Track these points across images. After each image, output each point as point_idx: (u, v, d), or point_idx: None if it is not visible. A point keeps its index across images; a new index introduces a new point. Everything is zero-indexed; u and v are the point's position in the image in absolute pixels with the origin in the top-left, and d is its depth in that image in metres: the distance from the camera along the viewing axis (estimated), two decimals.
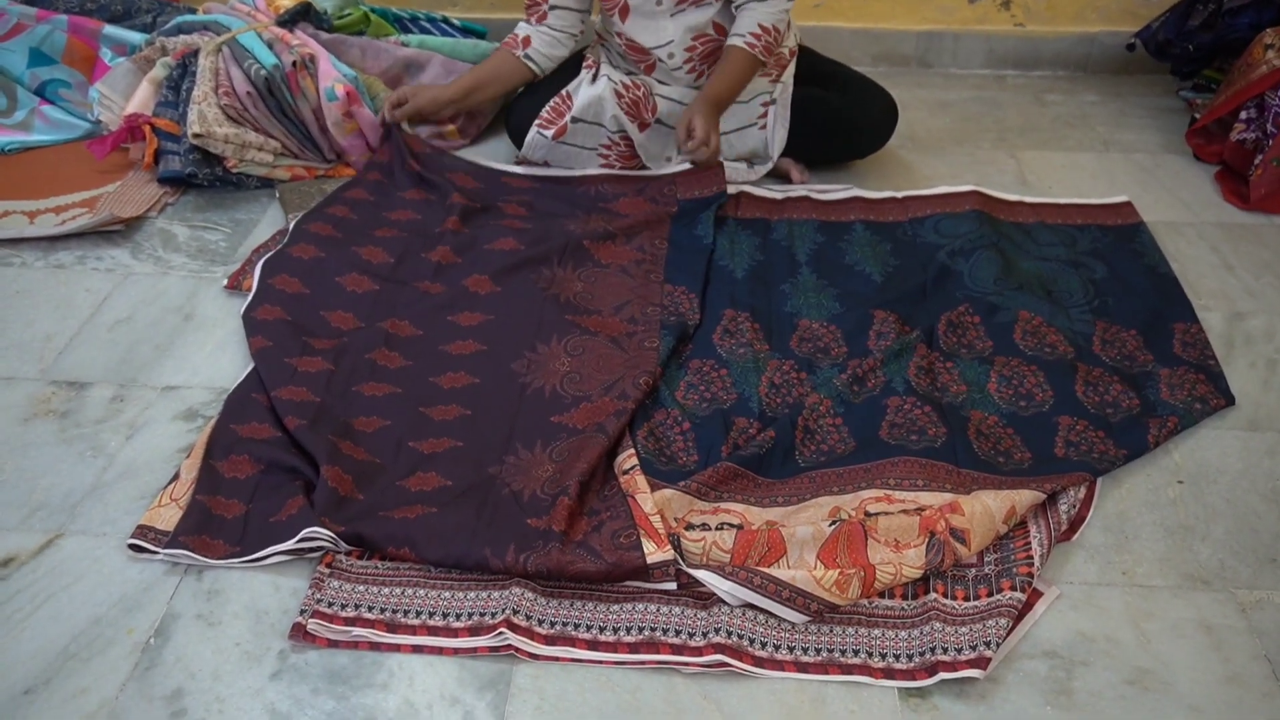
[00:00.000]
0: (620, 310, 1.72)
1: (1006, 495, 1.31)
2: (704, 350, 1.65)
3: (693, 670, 1.16)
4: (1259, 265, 1.87)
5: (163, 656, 1.17)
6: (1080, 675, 1.16)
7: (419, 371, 1.57)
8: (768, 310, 1.74)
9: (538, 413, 1.50)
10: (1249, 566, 1.29)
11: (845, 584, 1.20)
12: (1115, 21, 2.60)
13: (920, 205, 2.01)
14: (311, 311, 1.67)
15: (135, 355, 1.63)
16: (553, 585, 1.24)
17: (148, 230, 1.96)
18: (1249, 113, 2.07)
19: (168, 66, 2.10)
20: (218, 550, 1.27)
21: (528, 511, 1.31)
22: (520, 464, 1.41)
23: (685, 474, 1.40)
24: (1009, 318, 1.68)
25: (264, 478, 1.37)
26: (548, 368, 1.59)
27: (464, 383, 1.56)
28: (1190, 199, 2.09)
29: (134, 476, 1.40)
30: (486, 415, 1.50)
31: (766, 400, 1.55)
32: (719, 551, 1.27)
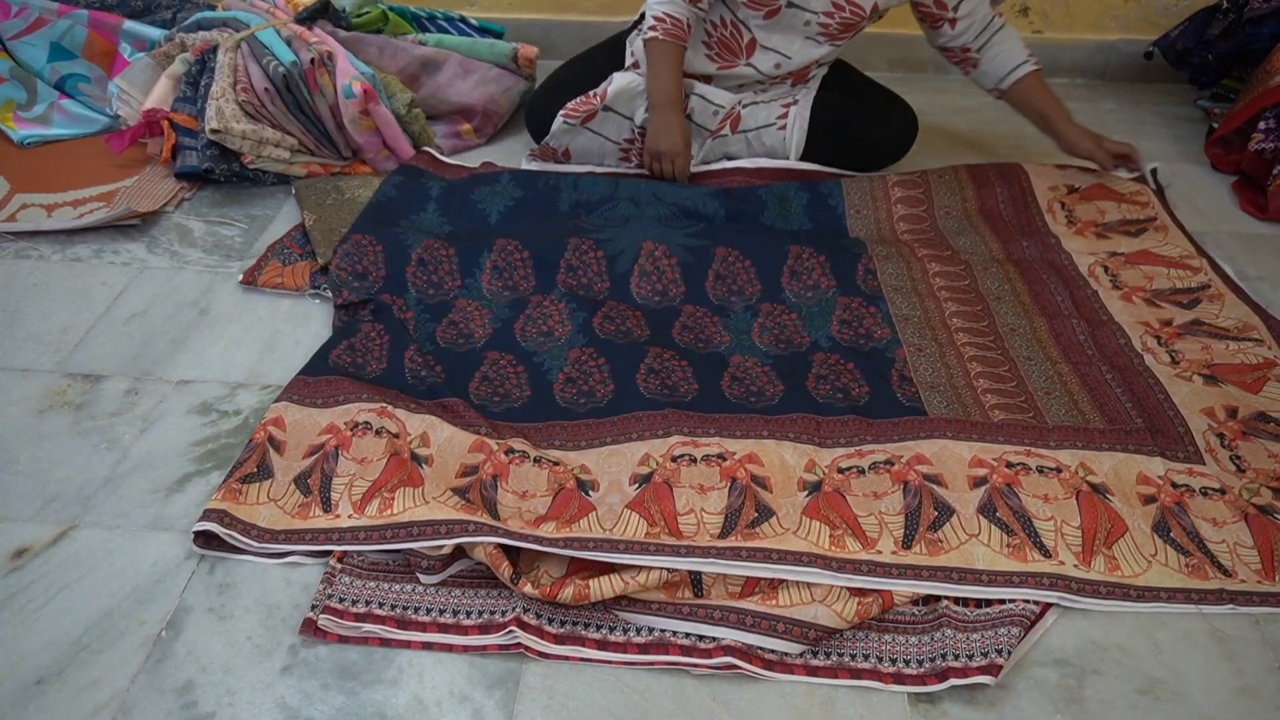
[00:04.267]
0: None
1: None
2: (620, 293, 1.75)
3: (702, 672, 1.16)
4: (1276, 275, 1.86)
5: (174, 649, 1.17)
6: (1092, 684, 1.15)
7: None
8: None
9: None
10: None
11: (845, 605, 1.19)
12: (1134, 30, 2.60)
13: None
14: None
15: (150, 349, 1.64)
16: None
17: (164, 225, 1.97)
18: (1268, 123, 2.06)
19: (186, 62, 2.11)
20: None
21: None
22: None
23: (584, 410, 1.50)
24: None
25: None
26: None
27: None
28: (1207, 209, 2.08)
29: (147, 469, 1.41)
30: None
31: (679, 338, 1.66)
32: (530, 516, 1.30)
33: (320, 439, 1.41)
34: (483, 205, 1.93)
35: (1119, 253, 1.85)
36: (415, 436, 1.42)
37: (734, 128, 2.03)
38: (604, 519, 1.30)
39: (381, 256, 1.76)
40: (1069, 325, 1.66)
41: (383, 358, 1.59)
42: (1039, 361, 1.59)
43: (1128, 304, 1.72)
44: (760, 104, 2.02)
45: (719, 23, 1.98)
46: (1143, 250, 1.85)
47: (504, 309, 1.71)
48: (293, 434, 1.42)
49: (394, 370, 1.56)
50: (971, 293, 1.75)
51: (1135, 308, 1.71)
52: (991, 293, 1.75)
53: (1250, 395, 1.51)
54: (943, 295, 1.74)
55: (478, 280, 1.76)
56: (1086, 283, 1.78)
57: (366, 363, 1.58)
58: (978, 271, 1.80)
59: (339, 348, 1.59)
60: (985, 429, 1.43)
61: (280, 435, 1.42)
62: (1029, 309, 1.71)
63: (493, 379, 1.57)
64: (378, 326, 1.65)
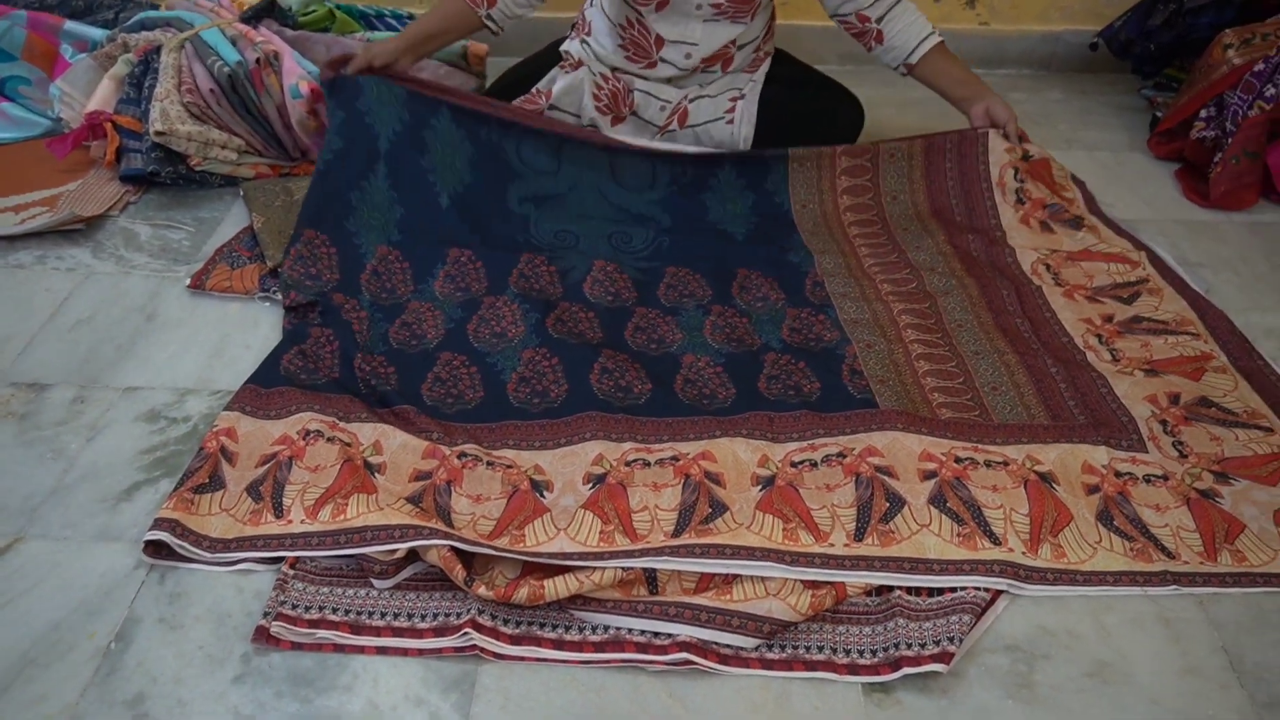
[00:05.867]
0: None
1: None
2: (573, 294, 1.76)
3: (658, 669, 1.16)
4: (1218, 262, 1.89)
5: (124, 661, 1.16)
6: (1041, 668, 1.17)
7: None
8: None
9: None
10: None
11: (799, 598, 1.20)
12: (1079, 20, 2.63)
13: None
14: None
15: (96, 356, 1.61)
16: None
17: (109, 229, 1.94)
18: (1209, 111, 2.09)
19: (130, 63, 2.08)
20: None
21: None
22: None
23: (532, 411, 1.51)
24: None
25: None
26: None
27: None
28: (1152, 196, 2.11)
29: (95, 479, 1.39)
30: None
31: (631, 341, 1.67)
32: (485, 522, 1.31)
33: (273, 449, 1.40)
34: (433, 179, 1.87)
35: (1059, 250, 1.87)
36: (368, 445, 1.41)
37: (681, 123, 2.04)
38: (558, 519, 1.31)
39: (335, 260, 1.75)
40: (1014, 323, 1.69)
41: (334, 366, 1.57)
42: (986, 355, 1.61)
43: (1070, 301, 1.74)
44: (707, 98, 2.03)
45: (626, 24, 1.98)
46: (1082, 250, 1.87)
47: (456, 309, 1.71)
48: (245, 445, 1.41)
49: (346, 378, 1.55)
50: (919, 293, 1.77)
51: (1077, 305, 1.73)
52: (939, 289, 1.78)
53: (1191, 383, 1.55)
54: (890, 299, 1.76)
55: (430, 286, 1.76)
56: (1029, 280, 1.80)
57: (318, 369, 1.56)
58: (924, 274, 1.82)
59: (290, 353, 1.58)
60: (934, 425, 1.45)
61: (232, 446, 1.40)
62: (976, 303, 1.74)
63: (445, 379, 1.57)
64: (327, 332, 1.63)
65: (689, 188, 1.97)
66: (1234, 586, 1.26)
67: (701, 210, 1.96)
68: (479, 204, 1.90)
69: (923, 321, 1.70)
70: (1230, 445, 1.44)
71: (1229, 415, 1.49)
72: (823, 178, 2.01)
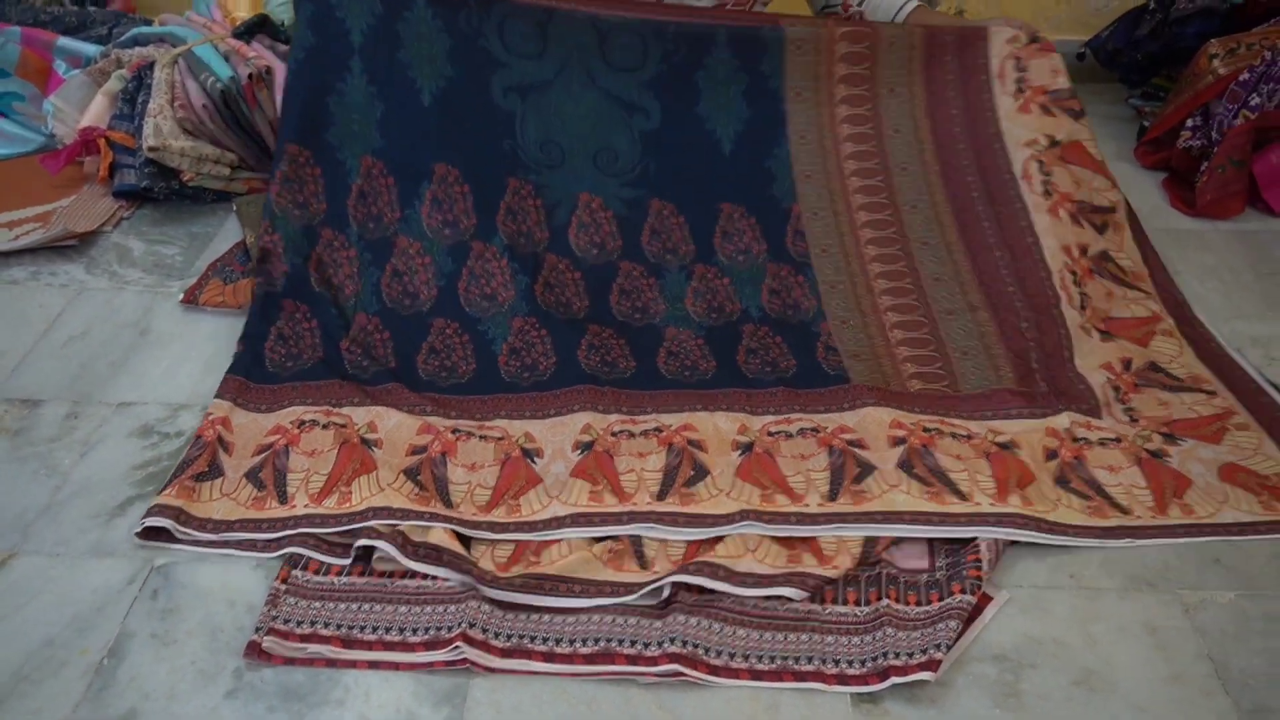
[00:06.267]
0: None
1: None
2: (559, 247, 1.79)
3: (648, 680, 1.17)
4: (1204, 270, 1.91)
5: (117, 676, 1.16)
6: (1028, 677, 1.18)
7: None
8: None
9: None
10: (1193, 567, 1.31)
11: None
12: (1066, 30, 2.65)
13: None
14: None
15: (89, 372, 1.62)
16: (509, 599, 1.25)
17: (103, 245, 1.95)
18: (1195, 120, 2.11)
19: (123, 79, 2.09)
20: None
21: None
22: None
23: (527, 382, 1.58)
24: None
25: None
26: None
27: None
28: (1139, 205, 2.12)
29: (88, 495, 1.40)
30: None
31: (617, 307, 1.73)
32: (482, 491, 1.38)
33: (268, 439, 1.46)
34: (412, 74, 1.78)
35: (1057, 140, 1.85)
36: (363, 425, 1.48)
37: None
38: (551, 488, 1.39)
39: (321, 184, 1.77)
40: (993, 259, 1.75)
41: (316, 345, 1.63)
42: (960, 314, 1.69)
43: (1054, 220, 1.76)
44: None
45: None
46: (1077, 142, 1.85)
47: (445, 257, 1.74)
48: (240, 436, 1.46)
49: (331, 360, 1.61)
50: (898, 245, 1.81)
51: (1061, 225, 1.76)
52: (918, 238, 1.82)
53: (1141, 349, 1.64)
54: (869, 255, 1.80)
55: (417, 212, 1.76)
56: (1018, 188, 1.81)
57: (301, 352, 1.62)
58: (905, 212, 1.85)
59: (270, 339, 1.62)
60: (903, 399, 1.53)
61: (228, 436, 1.46)
62: (954, 249, 1.79)
63: (440, 350, 1.64)
64: (302, 307, 1.67)
65: (681, 66, 1.86)
66: (1184, 536, 1.34)
67: (693, 96, 1.87)
68: (462, 102, 1.81)
69: (898, 284, 1.74)
70: (1177, 408, 1.53)
71: (1175, 381, 1.58)
72: (820, 63, 1.91)
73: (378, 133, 1.79)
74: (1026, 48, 1.91)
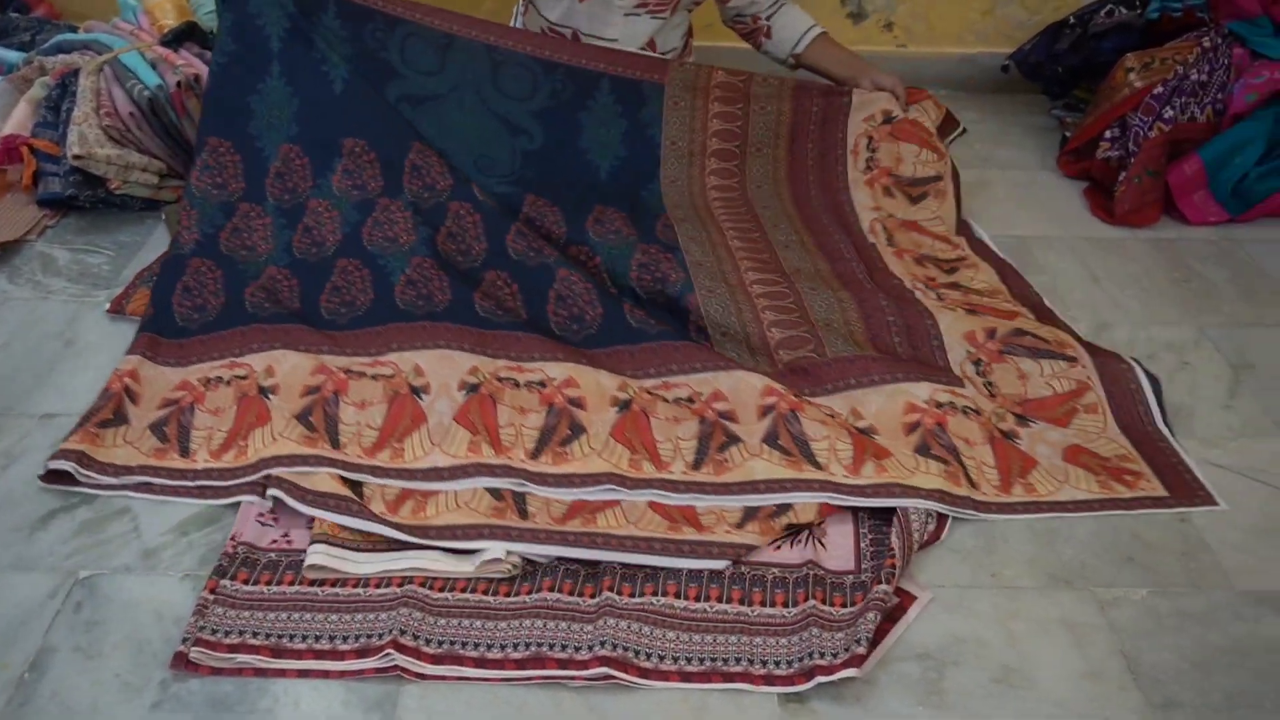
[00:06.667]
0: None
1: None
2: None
3: (579, 684, 1.18)
4: (1124, 278, 1.96)
5: (38, 691, 1.14)
6: (951, 675, 1.21)
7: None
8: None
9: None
10: (1108, 566, 1.36)
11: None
12: (992, 43, 2.71)
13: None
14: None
15: (13, 383, 1.59)
16: (440, 604, 1.25)
17: (26, 254, 1.91)
18: (1113, 132, 2.17)
19: (46, 86, 2.05)
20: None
21: None
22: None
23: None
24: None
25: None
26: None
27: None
28: (1062, 214, 2.19)
29: (10, 507, 1.38)
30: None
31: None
32: (369, 432, 1.47)
33: (175, 394, 1.54)
34: (325, 68, 1.87)
35: (894, 216, 2.01)
36: (261, 371, 1.56)
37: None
38: (434, 432, 1.47)
39: (240, 167, 1.87)
40: (850, 267, 1.86)
41: (219, 291, 1.73)
42: (821, 292, 1.76)
43: (899, 259, 1.91)
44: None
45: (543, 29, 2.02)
46: (913, 221, 2.00)
47: (352, 211, 1.83)
48: (147, 387, 1.55)
49: (233, 304, 1.70)
50: (761, 242, 1.91)
51: (905, 264, 1.89)
52: (780, 242, 1.92)
53: (1006, 321, 1.71)
54: (735, 244, 1.89)
55: (329, 181, 1.86)
56: (865, 236, 1.97)
57: (206, 301, 1.71)
58: (768, 226, 1.96)
59: (176, 293, 1.71)
60: (773, 377, 1.58)
61: (135, 387, 1.54)
62: (813, 254, 1.90)
63: (341, 288, 1.73)
64: (207, 262, 1.77)
65: (567, 104, 1.97)
66: (1023, 513, 1.43)
67: (575, 130, 1.98)
68: (366, 94, 1.90)
69: (764, 269, 1.82)
70: (1034, 384, 1.61)
71: (1041, 343, 1.65)
72: (695, 118, 2.03)
73: (294, 123, 1.89)
74: (880, 128, 2.05)
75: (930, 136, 2.04)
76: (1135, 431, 1.56)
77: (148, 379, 1.56)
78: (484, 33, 1.93)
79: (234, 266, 1.78)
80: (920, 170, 2.03)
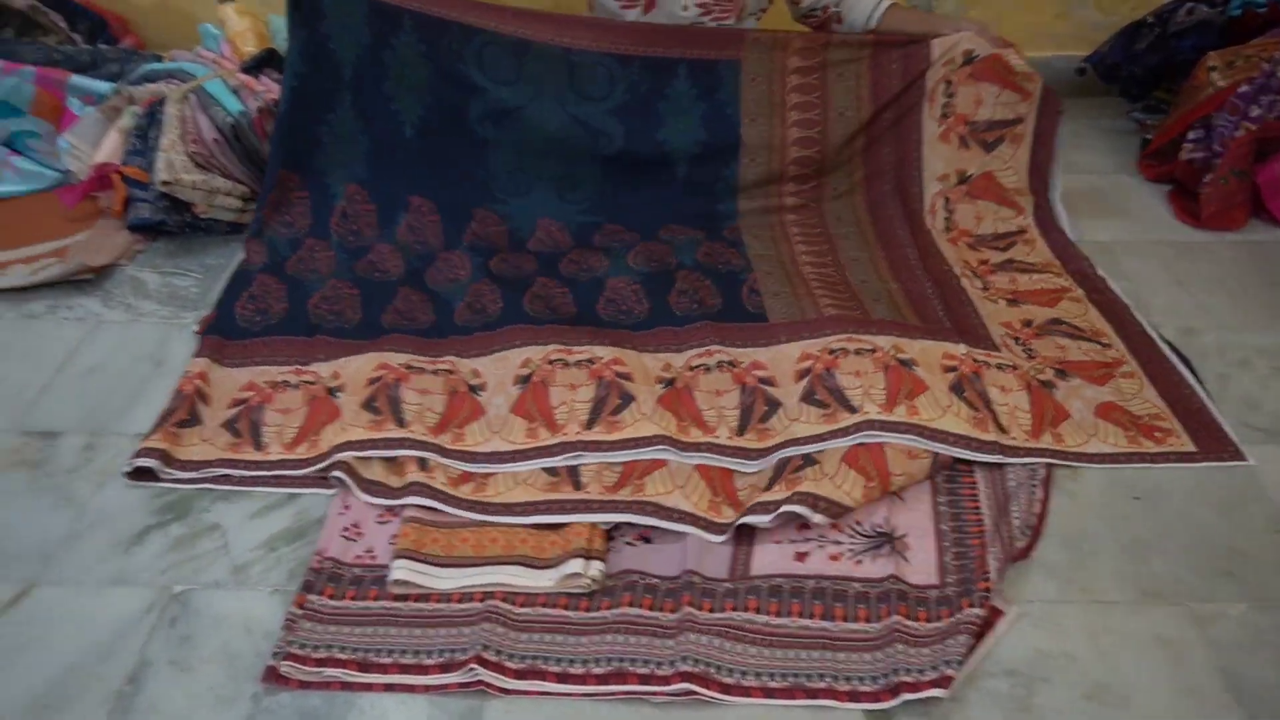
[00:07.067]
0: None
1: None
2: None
3: (661, 700, 1.18)
4: (1210, 282, 1.91)
5: (136, 703, 1.18)
6: (1040, 692, 1.18)
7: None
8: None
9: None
10: (1204, 580, 1.32)
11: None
12: (1066, 46, 2.66)
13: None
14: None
15: (107, 404, 1.64)
16: (522, 619, 1.26)
17: (118, 278, 1.97)
18: (1197, 133, 2.12)
19: (135, 115, 2.12)
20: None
21: None
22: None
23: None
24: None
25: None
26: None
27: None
28: (1144, 218, 2.14)
29: (106, 525, 1.42)
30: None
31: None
32: (431, 415, 1.54)
33: (243, 394, 1.63)
34: (395, 107, 1.96)
35: (968, 174, 2.03)
36: (327, 376, 1.64)
37: None
38: (493, 423, 1.53)
39: (308, 204, 2.00)
40: (905, 253, 1.95)
41: (283, 299, 1.84)
42: (871, 281, 1.86)
43: (953, 246, 1.98)
44: None
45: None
46: (986, 173, 2.03)
47: (415, 259, 1.94)
48: (216, 389, 1.64)
49: (296, 312, 1.80)
50: (822, 239, 2.00)
51: (960, 250, 1.97)
52: (840, 234, 2.02)
53: (1047, 309, 1.80)
54: (795, 239, 1.99)
55: (393, 231, 1.98)
56: (925, 218, 2.03)
57: (269, 306, 1.82)
58: (829, 220, 2.05)
59: (240, 300, 1.83)
60: (817, 325, 1.67)
61: (205, 388, 1.63)
62: (871, 244, 1.99)
63: (403, 311, 1.81)
64: (273, 278, 1.89)
65: (645, 97, 1.98)
66: (1048, 458, 1.47)
67: (655, 123, 1.99)
68: (441, 132, 1.98)
69: (821, 260, 1.92)
70: (1072, 352, 1.68)
71: (1075, 330, 1.74)
72: (773, 91, 2.01)
73: (363, 163, 2.01)
74: (959, 70, 2.00)
75: (1013, 76, 1.99)
76: (1171, 396, 1.60)
77: (216, 380, 1.65)
78: (558, 32, 1.95)
79: (298, 282, 1.89)
80: (999, 112, 2.01)
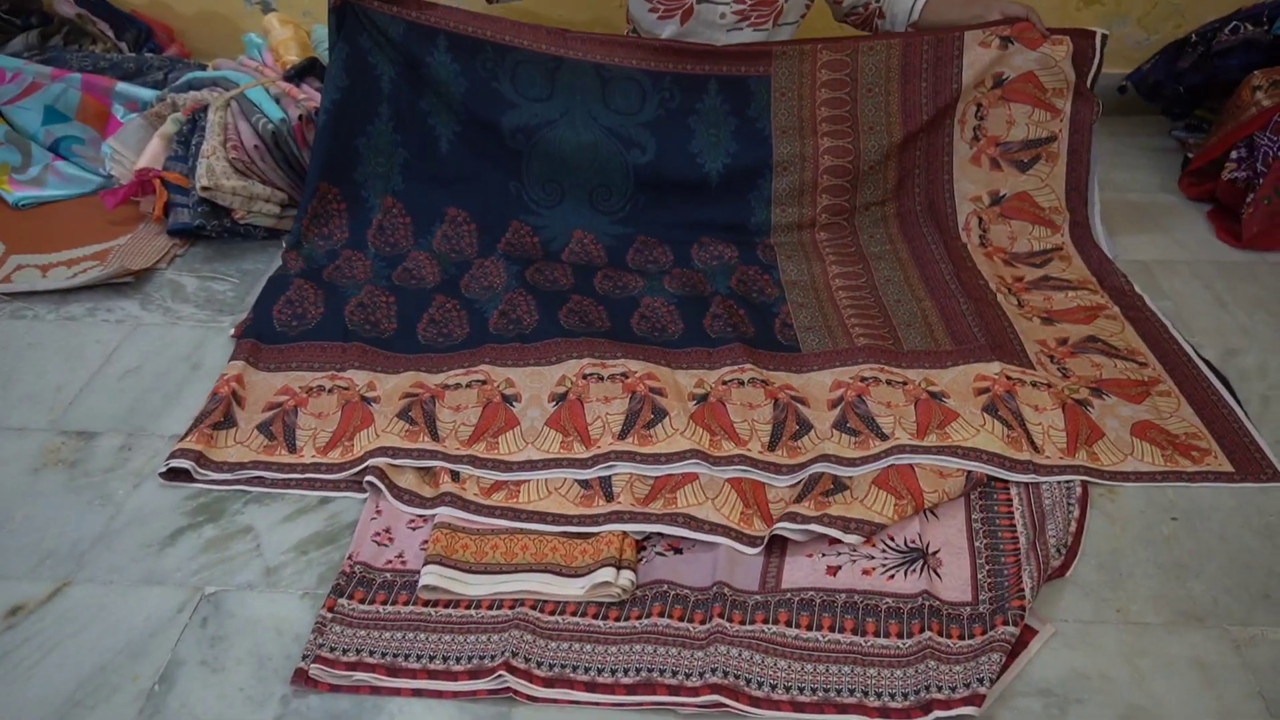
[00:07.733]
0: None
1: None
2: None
3: (689, 711, 1.17)
4: (1252, 302, 1.89)
5: (167, 703, 1.18)
6: (1075, 713, 1.16)
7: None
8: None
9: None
10: (1242, 603, 1.30)
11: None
12: (1108, 64, 2.60)
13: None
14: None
15: (144, 405, 1.66)
16: (551, 628, 1.26)
17: (157, 281, 2.00)
18: (1239, 152, 2.10)
19: (178, 122, 2.15)
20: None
21: None
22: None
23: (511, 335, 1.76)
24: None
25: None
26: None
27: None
28: (1184, 237, 2.11)
29: (141, 524, 1.43)
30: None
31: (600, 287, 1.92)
32: (465, 428, 1.55)
33: (278, 398, 1.65)
34: (432, 121, 2.02)
35: (1001, 195, 2.05)
36: (362, 385, 1.66)
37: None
38: (527, 434, 1.55)
39: (345, 217, 2.04)
40: (939, 270, 1.94)
41: (319, 304, 1.86)
42: (906, 301, 1.87)
43: (989, 261, 1.99)
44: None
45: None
46: (1020, 194, 2.04)
47: (451, 266, 1.98)
48: (251, 392, 1.66)
49: (332, 317, 1.82)
50: (855, 257, 2.00)
51: (995, 265, 1.98)
52: (873, 253, 2.01)
53: (1083, 327, 1.80)
54: (829, 259, 2.00)
55: (429, 241, 2.02)
56: (959, 234, 2.04)
57: (305, 311, 1.84)
58: (864, 237, 2.05)
59: (278, 304, 1.85)
60: (849, 354, 1.70)
61: (241, 391, 1.65)
62: (904, 261, 1.98)
63: (439, 321, 1.82)
64: (310, 283, 1.91)
65: (676, 111, 2.00)
66: (1083, 476, 1.46)
67: (686, 135, 2.01)
68: (474, 147, 2.03)
69: (855, 283, 1.92)
70: (1108, 370, 1.68)
71: (1111, 349, 1.73)
72: (804, 106, 2.01)
73: (400, 177, 2.05)
74: (990, 93, 2.01)
75: (1044, 94, 2.00)
76: (1208, 415, 1.59)
77: (251, 384, 1.67)
78: (590, 51, 1.97)
79: (335, 288, 1.91)
80: (1032, 131, 2.02)
